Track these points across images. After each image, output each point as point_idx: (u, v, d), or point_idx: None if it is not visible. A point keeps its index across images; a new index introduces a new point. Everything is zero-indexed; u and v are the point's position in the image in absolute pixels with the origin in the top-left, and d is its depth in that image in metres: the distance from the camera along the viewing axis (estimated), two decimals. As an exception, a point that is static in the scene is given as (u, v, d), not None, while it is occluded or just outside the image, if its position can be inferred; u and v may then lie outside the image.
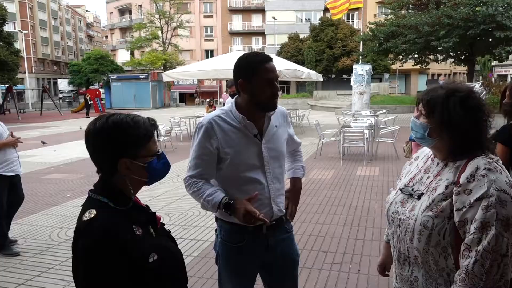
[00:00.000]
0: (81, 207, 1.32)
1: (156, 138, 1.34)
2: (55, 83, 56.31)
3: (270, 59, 1.85)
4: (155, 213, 1.40)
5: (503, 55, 18.41)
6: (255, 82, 1.80)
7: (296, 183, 2.16)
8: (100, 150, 1.27)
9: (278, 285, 2.07)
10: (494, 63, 29.24)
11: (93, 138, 1.27)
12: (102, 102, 31.68)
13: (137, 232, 1.25)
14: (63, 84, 48.18)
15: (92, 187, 1.34)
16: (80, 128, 18.67)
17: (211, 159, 1.86)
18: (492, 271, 1.28)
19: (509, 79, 24.87)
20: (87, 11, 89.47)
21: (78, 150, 11.49)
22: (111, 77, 34.70)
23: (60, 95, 41.72)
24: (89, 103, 26.08)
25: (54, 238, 4.60)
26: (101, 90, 34.44)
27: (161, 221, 1.42)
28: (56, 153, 10.99)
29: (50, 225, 5.07)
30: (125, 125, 1.27)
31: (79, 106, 31.68)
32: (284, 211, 2.02)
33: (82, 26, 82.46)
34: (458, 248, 1.38)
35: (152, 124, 1.32)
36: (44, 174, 8.30)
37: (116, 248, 1.18)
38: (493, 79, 25.00)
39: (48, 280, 3.59)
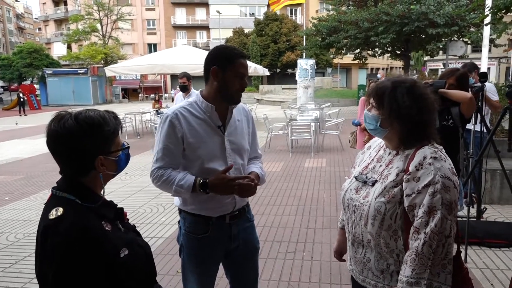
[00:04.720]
0: (43, 206, 1.28)
1: (120, 131, 1.35)
2: (-18, 78, 51.96)
3: (247, 57, 1.94)
4: (122, 208, 1.39)
5: (435, 50, 19.73)
6: (228, 72, 1.85)
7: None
8: (76, 150, 1.23)
9: (240, 272, 2.13)
10: (426, 58, 31.21)
11: (65, 139, 1.22)
12: (38, 98, 29.78)
13: (107, 228, 1.24)
14: (-9, 80, 44.59)
15: (55, 185, 1.30)
16: (16, 124, 17.48)
17: (177, 149, 1.88)
18: (438, 251, 1.41)
19: (439, 73, 26.67)
20: (16, 1, 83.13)
21: (14, 150, 10.77)
22: (47, 72, 32.58)
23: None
24: (22, 100, 24.28)
25: (-6, 245, 4.31)
26: (36, 86, 32.35)
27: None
28: (-11, 154, 10.22)
29: (-12, 230, 4.75)
30: (98, 123, 1.25)
31: (12, 103, 29.52)
32: (247, 201, 2.07)
33: (11, 17, 76.45)
34: (407, 231, 1.49)
35: (115, 117, 1.32)
36: (-23, 176, 7.69)
37: (87, 245, 1.16)
38: (426, 73, 26.65)
39: (-9, 288, 3.38)
